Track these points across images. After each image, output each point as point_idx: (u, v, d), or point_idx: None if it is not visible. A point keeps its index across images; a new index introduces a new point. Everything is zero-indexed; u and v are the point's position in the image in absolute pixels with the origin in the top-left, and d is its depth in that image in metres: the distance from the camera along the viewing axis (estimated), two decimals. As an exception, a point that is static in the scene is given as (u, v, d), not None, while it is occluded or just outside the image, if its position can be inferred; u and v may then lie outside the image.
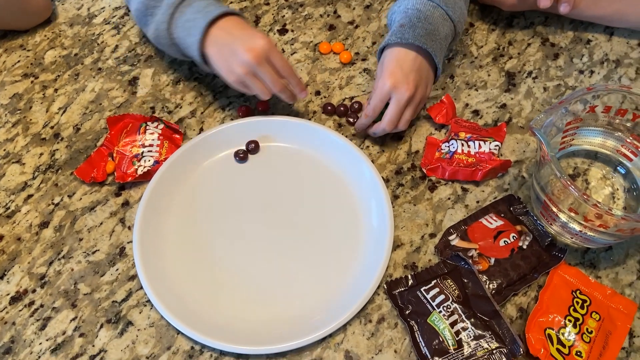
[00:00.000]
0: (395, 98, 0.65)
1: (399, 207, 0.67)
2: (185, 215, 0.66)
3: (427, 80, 0.67)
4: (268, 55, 0.62)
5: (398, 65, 0.65)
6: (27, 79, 0.76)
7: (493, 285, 0.61)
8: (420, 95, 0.66)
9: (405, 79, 0.64)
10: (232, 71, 0.63)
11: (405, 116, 0.66)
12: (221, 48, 0.63)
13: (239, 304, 0.61)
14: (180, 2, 0.65)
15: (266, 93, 0.64)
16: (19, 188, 0.68)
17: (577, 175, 0.68)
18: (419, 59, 0.66)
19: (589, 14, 0.78)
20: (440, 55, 0.67)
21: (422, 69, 0.66)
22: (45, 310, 0.60)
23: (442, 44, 0.67)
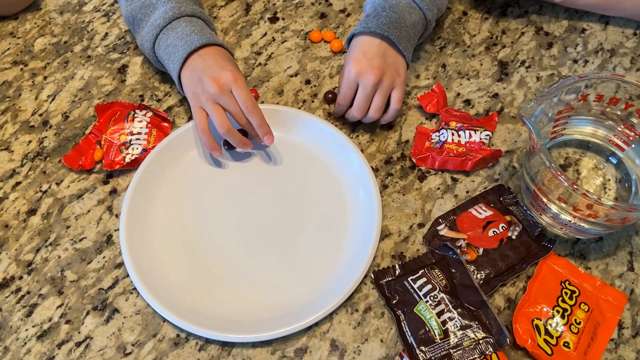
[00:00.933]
0: (362, 84, 0.65)
1: (387, 197, 0.67)
2: (172, 203, 0.66)
3: (396, 66, 0.66)
4: (232, 88, 0.62)
5: (362, 52, 0.65)
6: (17, 66, 0.76)
7: (481, 275, 0.61)
8: (388, 81, 0.65)
9: (369, 64, 0.64)
10: (195, 95, 0.64)
11: (376, 103, 0.66)
12: (192, 73, 0.64)
13: (224, 292, 0.61)
14: (165, 25, 0.66)
15: (224, 125, 0.62)
16: (7, 175, 0.68)
17: (568, 166, 0.67)
18: (383, 45, 0.66)
19: (584, 1, 0.77)
20: (405, 42, 0.67)
21: (387, 55, 0.65)
22: (31, 297, 0.60)
23: (408, 32, 0.67)
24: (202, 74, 0.63)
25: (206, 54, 0.64)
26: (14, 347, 0.58)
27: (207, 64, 0.64)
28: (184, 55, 0.64)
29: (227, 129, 0.63)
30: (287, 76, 0.76)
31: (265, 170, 0.69)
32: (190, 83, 0.64)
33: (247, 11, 0.81)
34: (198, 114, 0.64)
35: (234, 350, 0.58)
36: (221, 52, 0.66)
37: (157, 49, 0.67)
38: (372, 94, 0.65)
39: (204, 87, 0.62)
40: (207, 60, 0.64)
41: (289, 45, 0.78)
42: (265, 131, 0.64)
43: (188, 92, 0.65)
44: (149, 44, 0.67)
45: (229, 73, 0.62)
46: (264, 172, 0.68)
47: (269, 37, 0.79)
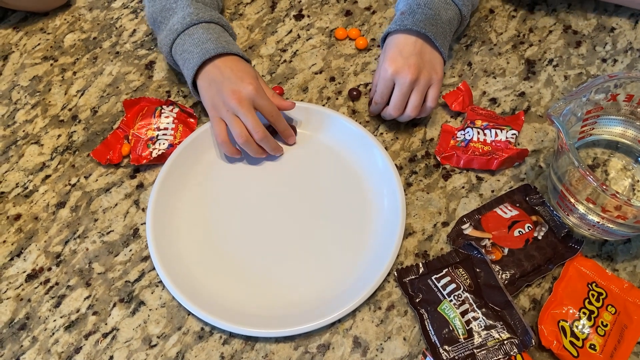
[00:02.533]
0: (398, 83, 0.65)
1: (412, 195, 0.66)
2: (198, 198, 0.66)
3: (432, 63, 0.66)
4: (253, 100, 0.63)
5: (398, 51, 0.65)
6: (47, 61, 0.78)
7: (506, 275, 0.60)
8: (425, 79, 0.65)
9: (406, 63, 0.64)
10: (214, 107, 0.64)
11: (413, 101, 0.65)
12: (210, 84, 0.64)
13: (249, 286, 0.61)
14: (182, 30, 0.66)
15: (243, 136, 0.63)
16: (37, 168, 0.69)
17: (597, 166, 0.66)
18: (419, 42, 0.65)
19: None
20: (441, 39, 0.66)
21: (424, 53, 0.65)
22: (60, 288, 0.62)
23: (444, 28, 0.67)
24: (222, 87, 0.63)
25: (223, 65, 0.64)
26: (42, 337, 0.59)
27: (226, 76, 0.64)
28: (198, 63, 0.64)
29: (245, 139, 0.64)
30: (311, 73, 0.76)
31: (289, 166, 0.69)
32: (209, 94, 0.65)
33: (272, 8, 0.82)
34: (217, 125, 0.65)
35: (257, 345, 0.58)
36: (237, 62, 0.65)
37: (174, 54, 0.67)
38: (409, 92, 0.65)
39: (224, 99, 0.63)
40: (225, 72, 0.64)
41: (314, 42, 0.78)
42: (288, 134, 0.68)
43: (207, 102, 0.66)
44: (166, 47, 0.68)
45: (250, 86, 0.63)
46: (288, 168, 0.69)
47: (294, 34, 0.79)
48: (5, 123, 0.73)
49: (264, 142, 0.65)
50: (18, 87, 0.76)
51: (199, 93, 0.67)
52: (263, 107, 0.64)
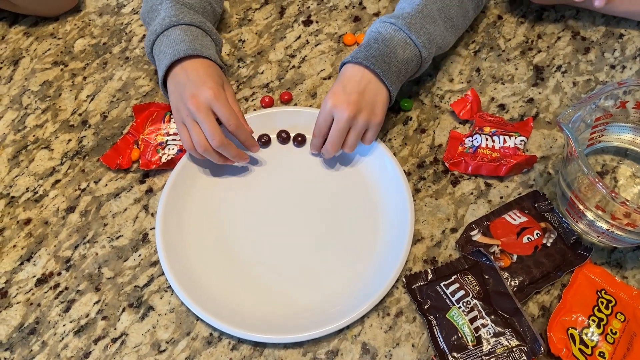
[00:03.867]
0: (336, 118, 0.63)
1: (420, 201, 0.66)
2: (207, 203, 0.67)
3: (374, 105, 0.63)
4: (211, 105, 0.61)
5: (342, 85, 0.63)
6: (57, 66, 0.78)
7: (515, 282, 0.60)
8: (363, 119, 0.62)
9: (346, 99, 0.62)
10: (177, 109, 0.64)
11: (350, 139, 0.64)
12: (176, 86, 0.64)
13: (257, 292, 0.61)
14: (161, 31, 0.66)
15: (201, 145, 0.62)
16: (47, 173, 0.70)
17: (606, 173, 0.66)
18: (366, 79, 0.63)
19: (623, 9, 0.76)
20: (392, 78, 0.64)
21: (367, 92, 0.63)
22: (69, 293, 0.62)
23: (399, 67, 0.64)
24: (184, 90, 0.62)
25: (190, 68, 0.63)
26: (51, 342, 0.59)
27: (190, 78, 0.63)
28: (168, 63, 0.64)
29: (203, 147, 0.62)
30: (320, 79, 0.76)
31: (299, 172, 0.69)
32: (173, 97, 0.64)
33: (281, 14, 0.82)
34: (181, 131, 0.63)
35: (266, 351, 0.58)
36: (206, 66, 0.64)
37: (154, 54, 0.67)
38: (346, 129, 0.63)
39: (184, 102, 0.62)
40: (190, 75, 0.63)
41: (323, 48, 0.79)
42: (250, 144, 0.65)
43: (172, 105, 0.65)
44: (147, 48, 0.68)
45: (209, 90, 0.61)
46: (297, 174, 0.69)
47: (302, 40, 0.79)
48: (15, 128, 0.73)
49: (223, 150, 0.63)
50: (28, 92, 0.76)
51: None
52: (221, 114, 0.62)
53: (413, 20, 0.65)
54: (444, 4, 0.69)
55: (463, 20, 0.71)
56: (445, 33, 0.69)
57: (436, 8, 0.68)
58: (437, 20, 0.67)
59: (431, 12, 0.67)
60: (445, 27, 0.69)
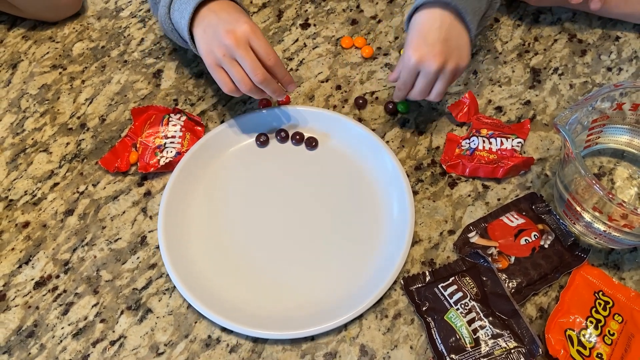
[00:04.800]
0: (423, 72, 0.61)
1: (418, 203, 0.67)
2: (207, 204, 0.67)
3: (459, 47, 0.62)
4: (249, 40, 0.59)
5: (422, 37, 0.61)
6: (56, 70, 0.78)
7: (512, 284, 0.60)
8: (451, 66, 0.61)
9: (431, 51, 0.60)
10: (210, 52, 0.61)
11: (437, 88, 0.63)
12: (206, 28, 0.61)
13: (257, 289, 0.62)
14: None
15: (245, 81, 0.59)
16: (45, 176, 0.70)
17: (603, 175, 0.67)
18: (446, 23, 0.61)
19: (619, 11, 0.77)
20: (472, 14, 0.62)
21: (450, 38, 0.61)
22: (68, 296, 0.62)
23: (473, 3, 0.62)
24: (217, 28, 0.59)
25: (218, 9, 0.61)
26: (50, 345, 0.59)
27: (221, 18, 0.60)
28: (194, 5, 0.61)
29: (249, 87, 0.60)
30: (318, 82, 0.76)
31: (298, 171, 0.69)
32: (204, 40, 0.61)
33: (279, 17, 0.82)
34: (218, 74, 0.61)
35: (264, 353, 0.58)
36: (233, 6, 0.62)
37: (172, 13, 0.64)
38: (434, 80, 0.62)
39: (220, 40, 0.59)
40: (221, 15, 0.60)
41: (320, 51, 0.79)
42: (289, 80, 0.63)
43: (202, 49, 0.62)
44: (164, 9, 0.65)
45: (245, 25, 0.59)
46: (297, 173, 0.69)
47: (300, 43, 0.80)
48: (14, 131, 0.73)
49: (265, 85, 0.61)
50: (27, 95, 0.76)
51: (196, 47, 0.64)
52: (259, 48, 0.59)
53: None
54: None
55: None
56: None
57: None
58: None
59: None
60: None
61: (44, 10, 0.79)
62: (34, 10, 0.79)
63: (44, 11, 0.79)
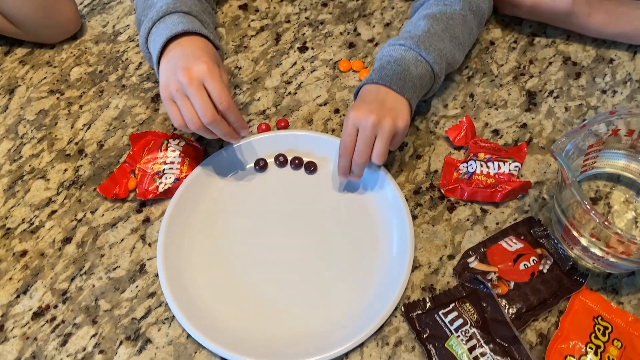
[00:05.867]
0: (361, 128, 0.62)
1: (417, 228, 0.67)
2: (207, 230, 0.67)
3: (396, 109, 0.64)
4: (204, 80, 0.59)
5: (361, 100, 0.65)
6: (53, 95, 0.78)
7: (512, 309, 0.60)
8: (388, 123, 0.62)
9: (367, 108, 0.62)
10: (166, 85, 0.61)
11: (377, 148, 0.63)
12: (169, 60, 0.62)
13: (257, 318, 0.61)
14: (157, 19, 0.65)
15: (194, 121, 0.59)
16: (43, 204, 0.69)
17: (599, 199, 0.67)
18: (383, 91, 0.64)
19: (610, 31, 0.78)
20: (410, 92, 0.65)
21: (387, 100, 0.63)
22: (66, 326, 0.61)
23: (414, 82, 0.66)
24: (177, 63, 0.60)
25: (187, 44, 0.62)
26: (48, 375, 0.59)
27: (185, 53, 0.61)
28: (164, 39, 0.62)
29: (196, 125, 0.59)
30: (316, 105, 0.77)
31: (298, 196, 0.69)
32: (164, 72, 0.61)
33: (277, 41, 0.83)
34: (170, 107, 0.60)
35: (265, 382, 0.58)
36: (203, 44, 0.63)
37: (150, 43, 0.65)
38: (372, 136, 0.62)
39: (175, 75, 0.59)
40: (186, 50, 0.61)
41: (318, 74, 0.79)
42: (241, 125, 0.63)
43: (161, 81, 0.62)
44: (142, 39, 0.66)
45: (203, 65, 0.59)
46: (296, 198, 0.69)
47: (298, 66, 0.80)
48: (11, 158, 0.73)
49: (215, 127, 0.60)
50: (24, 121, 0.76)
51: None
52: (213, 90, 0.59)
53: (421, 40, 0.68)
54: (448, 24, 0.71)
55: (468, 37, 0.74)
56: (453, 50, 0.71)
57: (441, 29, 0.70)
58: (444, 39, 0.70)
59: (437, 32, 0.69)
60: (452, 45, 0.71)
61: (43, 28, 0.79)
62: (33, 28, 0.78)
63: (43, 29, 0.79)
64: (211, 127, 0.60)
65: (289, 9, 0.86)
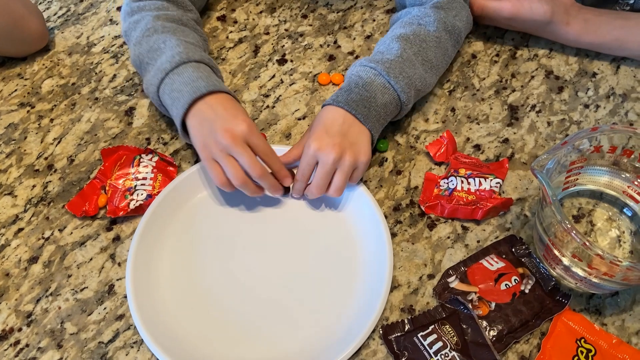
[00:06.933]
0: (321, 161, 0.62)
1: (396, 246, 0.65)
2: (179, 250, 0.65)
3: (358, 143, 0.63)
4: (247, 139, 0.61)
5: (324, 128, 0.63)
6: (24, 108, 0.76)
7: (493, 331, 0.59)
8: (349, 159, 0.62)
9: (330, 141, 0.62)
10: (205, 146, 0.62)
11: (336, 182, 0.63)
12: (202, 122, 0.63)
13: (232, 341, 0.59)
14: (171, 69, 0.64)
15: (239, 176, 0.61)
16: (9, 221, 0.67)
17: (582, 217, 0.66)
18: (348, 121, 0.63)
19: (588, 41, 0.76)
20: (373, 122, 0.65)
21: (350, 134, 0.63)
22: (30, 350, 0.59)
23: (378, 111, 0.65)
24: (214, 125, 0.61)
25: (215, 103, 0.63)
26: (11, 402, 0.56)
27: (218, 114, 0.62)
28: (189, 100, 0.63)
29: (242, 180, 0.61)
30: (294, 119, 0.75)
31: (273, 215, 0.67)
32: (200, 134, 0.63)
33: (255, 53, 0.81)
34: (212, 168, 0.62)
35: (237, 409, 0.56)
36: (229, 100, 0.65)
37: (162, 94, 0.66)
38: (331, 171, 0.63)
39: (216, 138, 0.61)
40: (217, 110, 0.63)
41: (297, 87, 0.78)
42: (284, 174, 0.65)
43: (197, 142, 0.63)
44: (153, 87, 0.66)
45: (243, 123, 0.61)
46: (271, 217, 0.67)
47: (277, 79, 0.78)
48: (-22, 173, 0.71)
49: (263, 180, 0.62)
50: (-7, 135, 0.74)
51: (187, 134, 0.65)
52: (257, 146, 0.62)
53: (393, 65, 0.66)
54: (421, 47, 0.69)
55: (443, 58, 0.72)
56: (425, 75, 0.69)
57: (413, 52, 0.69)
58: (415, 64, 0.68)
59: (409, 57, 0.68)
60: (424, 69, 0.69)
61: (9, 43, 0.77)
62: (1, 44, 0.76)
63: (9, 44, 0.77)
64: (260, 180, 0.62)
65: (268, 20, 0.84)
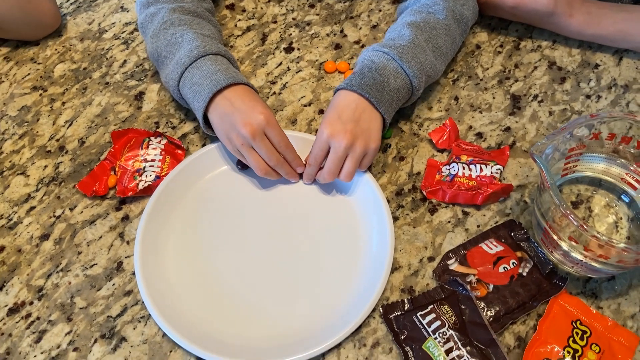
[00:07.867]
0: (333, 147, 0.64)
1: (398, 229, 0.67)
2: (186, 229, 0.66)
3: (369, 130, 0.65)
4: (265, 130, 0.64)
5: (337, 114, 0.65)
6: (36, 91, 0.78)
7: (491, 312, 0.60)
8: (360, 146, 0.64)
9: (342, 128, 0.63)
10: (229, 140, 0.65)
11: (347, 168, 0.65)
12: (222, 117, 0.65)
13: (234, 318, 0.61)
14: (190, 63, 0.66)
15: (261, 167, 0.65)
16: (22, 200, 0.69)
17: (580, 203, 0.67)
18: (361, 107, 0.65)
19: (591, 33, 0.77)
20: (386, 106, 0.66)
21: (362, 120, 0.64)
22: (41, 323, 0.61)
23: (391, 96, 0.66)
24: (234, 119, 0.64)
25: (233, 96, 0.65)
26: (22, 372, 0.58)
27: (236, 107, 0.64)
28: (210, 94, 0.64)
29: (265, 171, 0.65)
30: (300, 105, 0.76)
31: (278, 197, 0.69)
32: (222, 128, 0.65)
33: (263, 41, 0.83)
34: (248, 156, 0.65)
35: (240, 383, 0.58)
36: (247, 91, 0.66)
37: (182, 87, 0.68)
38: (343, 157, 0.64)
39: (237, 131, 0.63)
40: (236, 103, 0.64)
41: (304, 75, 0.79)
42: (298, 163, 0.68)
43: (222, 136, 0.66)
44: (173, 81, 0.68)
45: (260, 115, 0.63)
46: (276, 199, 0.69)
47: (284, 66, 0.80)
48: (-9, 153, 0.73)
49: (279, 168, 0.66)
50: (6, 117, 0.76)
51: (210, 127, 0.68)
52: (273, 137, 0.65)
53: (405, 50, 0.68)
54: (431, 34, 0.71)
55: (451, 46, 0.74)
56: (435, 62, 0.71)
57: (424, 39, 0.70)
58: (426, 50, 0.70)
59: (420, 43, 0.69)
60: (434, 56, 0.71)
61: (22, 26, 0.78)
62: (13, 26, 0.78)
63: (22, 27, 0.79)
64: (276, 168, 0.66)
65: (276, 9, 0.86)
